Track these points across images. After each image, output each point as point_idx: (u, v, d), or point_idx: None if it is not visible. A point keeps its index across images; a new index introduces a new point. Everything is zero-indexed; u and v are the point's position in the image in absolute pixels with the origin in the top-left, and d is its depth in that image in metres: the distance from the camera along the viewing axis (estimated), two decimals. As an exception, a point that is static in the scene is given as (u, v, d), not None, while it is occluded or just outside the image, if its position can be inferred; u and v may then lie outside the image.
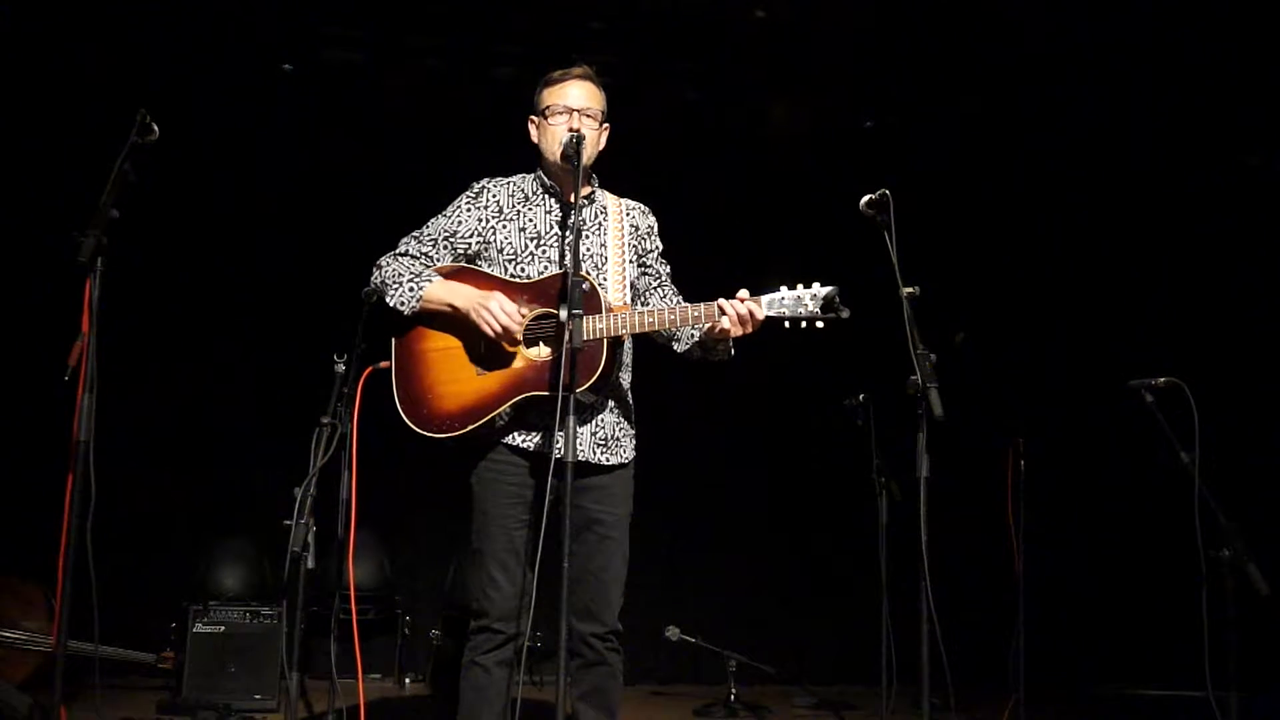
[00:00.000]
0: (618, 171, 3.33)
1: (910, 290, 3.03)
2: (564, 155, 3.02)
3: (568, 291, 2.81)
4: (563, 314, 2.89)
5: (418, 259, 3.12)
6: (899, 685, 4.28)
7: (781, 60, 6.11)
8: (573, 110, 3.08)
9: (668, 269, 3.29)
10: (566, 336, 2.74)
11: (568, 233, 3.00)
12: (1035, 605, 4.84)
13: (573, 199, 2.97)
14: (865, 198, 3.11)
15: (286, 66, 5.98)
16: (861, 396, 4.60)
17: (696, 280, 3.33)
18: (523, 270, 3.09)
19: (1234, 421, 5.23)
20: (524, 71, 5.94)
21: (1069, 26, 5.65)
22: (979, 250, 6.49)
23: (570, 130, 3.03)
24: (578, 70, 3.15)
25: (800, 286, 2.95)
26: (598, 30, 5.85)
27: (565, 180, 3.11)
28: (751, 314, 2.92)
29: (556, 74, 3.15)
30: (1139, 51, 5.79)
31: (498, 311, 2.96)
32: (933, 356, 2.98)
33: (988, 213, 6.52)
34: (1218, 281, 6.43)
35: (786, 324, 2.95)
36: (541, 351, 3.00)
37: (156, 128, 2.82)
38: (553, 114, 3.09)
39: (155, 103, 2.88)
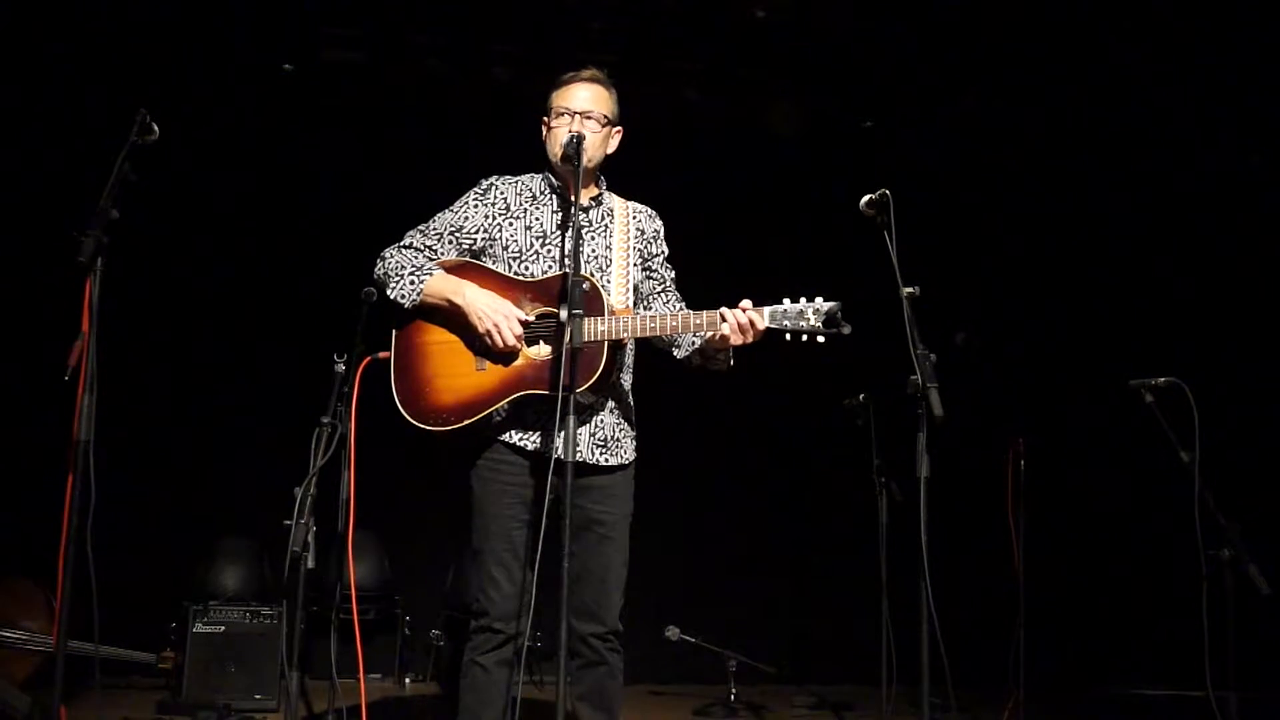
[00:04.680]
0: (617, 171, 3.33)
1: (910, 290, 3.03)
2: (563, 156, 3.03)
3: (568, 292, 2.81)
4: (563, 314, 2.89)
5: (421, 252, 3.13)
6: (899, 685, 4.28)
7: (781, 60, 6.11)
8: (575, 113, 3.09)
9: (673, 274, 3.29)
10: (566, 337, 2.75)
11: (568, 232, 3.01)
12: (1035, 605, 4.84)
13: (587, 201, 2.99)
14: (865, 198, 3.11)
15: (286, 66, 5.98)
16: (861, 396, 4.60)
17: (695, 280, 3.34)
18: (527, 269, 3.10)
19: (1234, 421, 5.23)
20: (524, 71, 5.95)
21: (1069, 26, 5.64)
22: (979, 250, 6.49)
23: (571, 132, 3.04)
24: (586, 73, 3.16)
25: (804, 300, 2.95)
26: (598, 30, 5.85)
27: (569, 181, 3.12)
28: (752, 323, 2.93)
29: (566, 75, 3.17)
30: (1139, 50, 5.79)
31: (506, 331, 2.96)
32: (933, 356, 2.98)
33: (987, 213, 6.52)
34: (1218, 281, 6.43)
35: (788, 336, 2.96)
36: (542, 350, 3.00)
37: (156, 128, 2.82)
38: (556, 115, 3.11)
39: (155, 103, 2.88)
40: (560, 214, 3.16)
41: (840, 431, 4.82)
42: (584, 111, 3.10)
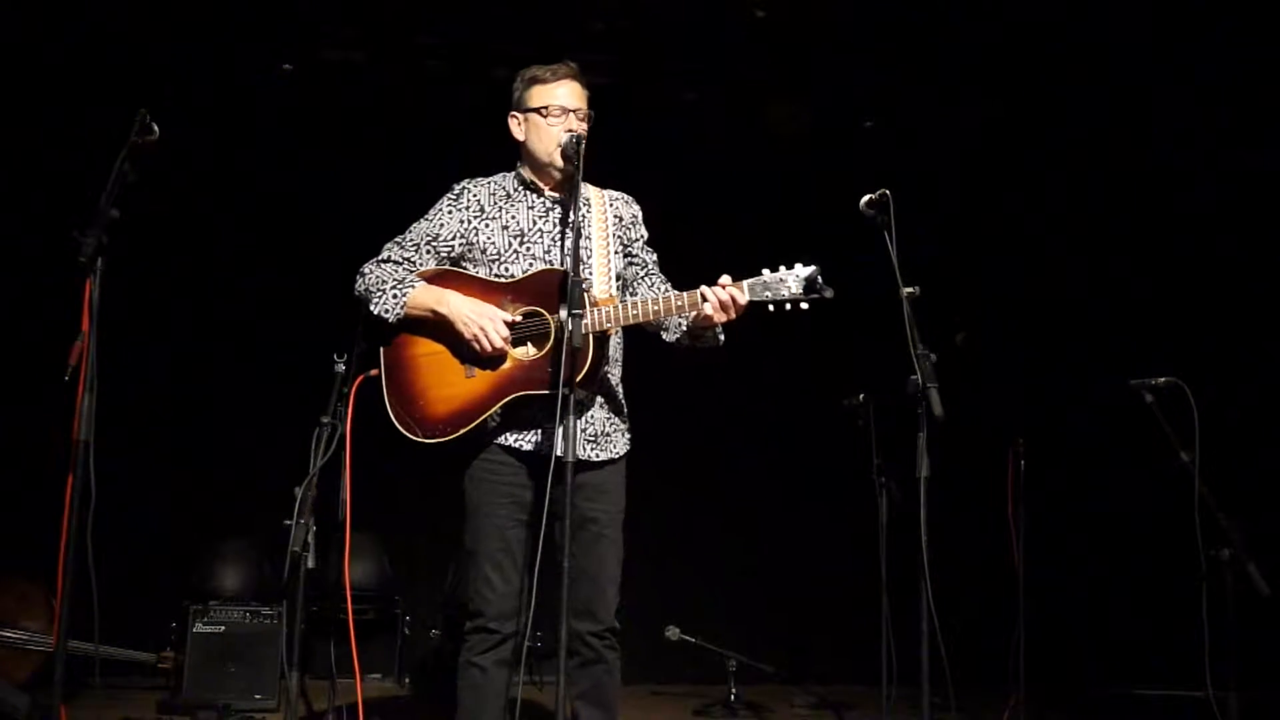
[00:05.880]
0: (617, 171, 3.32)
1: (910, 290, 3.03)
2: (564, 155, 3.04)
3: (567, 291, 2.81)
4: (563, 313, 2.89)
5: (400, 265, 3.12)
6: (899, 685, 4.28)
7: (781, 60, 6.11)
8: (568, 110, 3.09)
9: (654, 257, 3.28)
10: (566, 337, 2.74)
11: (568, 231, 3.02)
12: (1035, 605, 4.84)
13: (562, 196, 3.00)
14: (865, 198, 3.12)
15: (286, 66, 5.98)
16: (861, 396, 4.59)
17: (696, 281, 3.33)
18: (507, 270, 3.09)
19: (1234, 421, 5.23)
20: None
21: (1070, 25, 5.65)
22: (979, 250, 6.48)
23: (569, 131, 3.05)
24: (567, 69, 3.16)
25: (782, 268, 2.96)
26: (598, 30, 5.85)
27: (550, 177, 3.14)
28: (734, 299, 2.93)
29: (546, 73, 3.15)
30: (1139, 50, 5.79)
31: (493, 335, 2.96)
32: (933, 356, 2.99)
33: (988, 212, 6.52)
34: (1218, 281, 6.42)
35: (771, 307, 2.96)
36: (529, 351, 3.00)
37: (156, 128, 2.82)
38: (550, 114, 3.09)
39: (155, 103, 2.88)
40: (536, 210, 3.15)
41: (840, 431, 4.82)
42: (576, 109, 3.10)
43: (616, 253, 3.17)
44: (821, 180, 6.06)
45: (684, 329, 3.11)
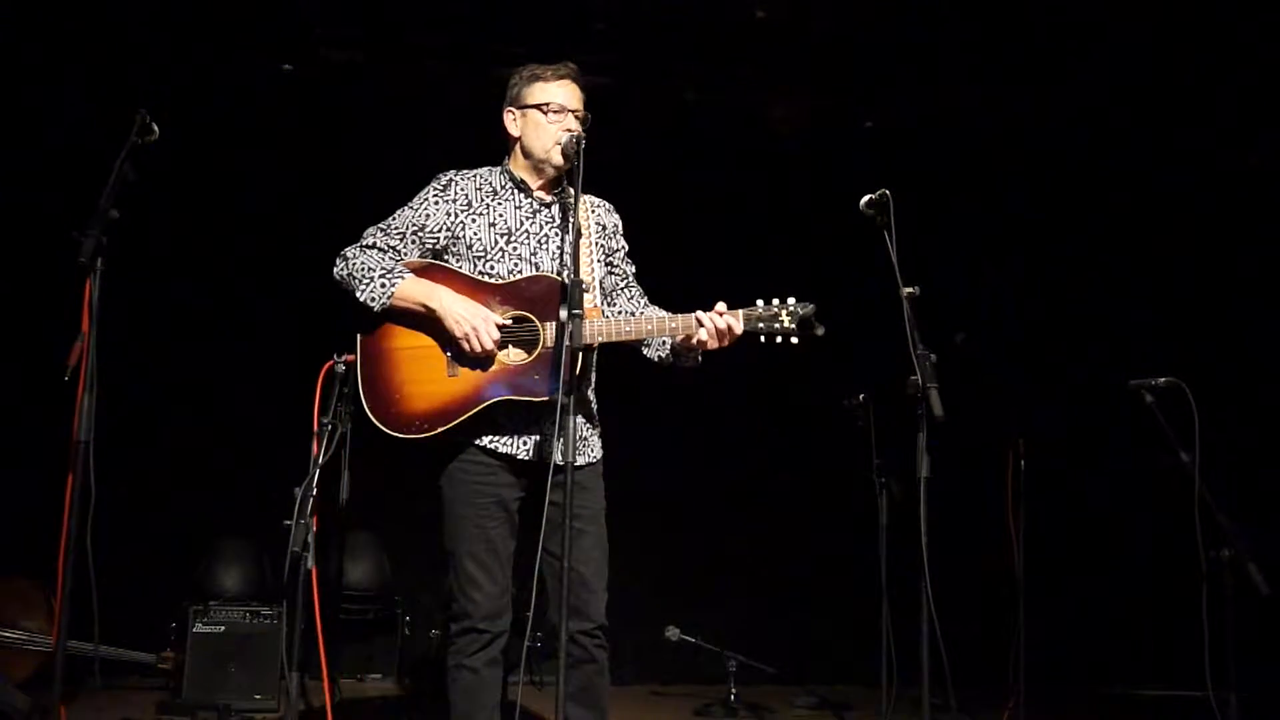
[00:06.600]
0: (617, 171, 3.32)
1: (910, 290, 3.04)
2: (564, 154, 3.04)
3: (566, 295, 2.81)
4: (563, 314, 2.88)
5: (385, 253, 3.10)
6: (899, 685, 4.28)
7: (781, 60, 6.11)
8: (568, 110, 3.09)
9: (633, 268, 3.28)
10: (568, 336, 2.73)
11: (565, 232, 3.02)
12: (1035, 605, 4.84)
13: (550, 196, 2.99)
14: (865, 198, 3.12)
15: (286, 66, 5.98)
16: (861, 396, 4.59)
17: (695, 281, 3.34)
18: (492, 268, 3.08)
19: (1234, 421, 5.23)
20: (524, 71, 5.94)
21: (1069, 25, 5.65)
22: (979, 250, 6.48)
23: (568, 131, 3.05)
24: (568, 70, 3.16)
25: (777, 301, 2.96)
26: (598, 30, 5.85)
27: (543, 175, 3.14)
28: (730, 328, 2.94)
29: (547, 71, 3.15)
30: (1138, 50, 5.79)
31: (484, 337, 2.95)
32: (933, 356, 2.99)
33: (988, 213, 6.52)
34: (1218, 281, 6.43)
35: (762, 338, 2.97)
36: (513, 355, 2.99)
37: (156, 128, 2.83)
38: (551, 112, 3.09)
39: (156, 103, 2.88)
40: (523, 209, 3.14)
41: (840, 431, 4.82)
42: (575, 110, 3.10)
43: (599, 261, 3.15)
44: (822, 180, 6.06)
45: (668, 346, 3.12)
